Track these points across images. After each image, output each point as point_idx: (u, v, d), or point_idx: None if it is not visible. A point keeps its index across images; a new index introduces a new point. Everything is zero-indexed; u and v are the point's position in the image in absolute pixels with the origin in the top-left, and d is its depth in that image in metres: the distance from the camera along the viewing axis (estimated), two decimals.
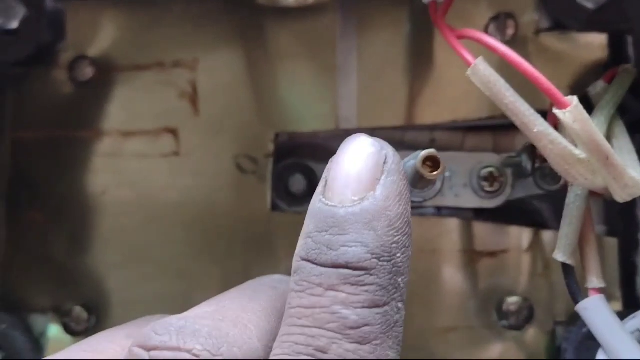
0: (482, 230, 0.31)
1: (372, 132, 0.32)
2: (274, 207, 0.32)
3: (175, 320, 0.19)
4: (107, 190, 0.32)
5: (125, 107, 0.32)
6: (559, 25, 0.30)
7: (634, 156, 0.23)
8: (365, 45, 0.32)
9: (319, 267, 0.19)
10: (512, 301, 0.31)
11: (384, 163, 0.19)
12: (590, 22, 0.28)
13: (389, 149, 0.20)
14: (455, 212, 0.31)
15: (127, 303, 0.32)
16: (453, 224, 0.31)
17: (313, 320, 0.18)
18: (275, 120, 0.32)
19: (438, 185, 0.28)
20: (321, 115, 0.32)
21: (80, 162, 0.32)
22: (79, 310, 0.32)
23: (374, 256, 0.18)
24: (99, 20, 0.33)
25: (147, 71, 0.33)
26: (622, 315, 0.27)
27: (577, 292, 0.23)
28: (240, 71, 0.32)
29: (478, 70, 0.21)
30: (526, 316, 0.31)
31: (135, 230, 0.32)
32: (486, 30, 0.31)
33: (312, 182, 0.33)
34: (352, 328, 0.18)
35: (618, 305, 0.30)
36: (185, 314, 0.21)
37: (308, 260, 0.19)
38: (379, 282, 0.18)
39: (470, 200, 0.29)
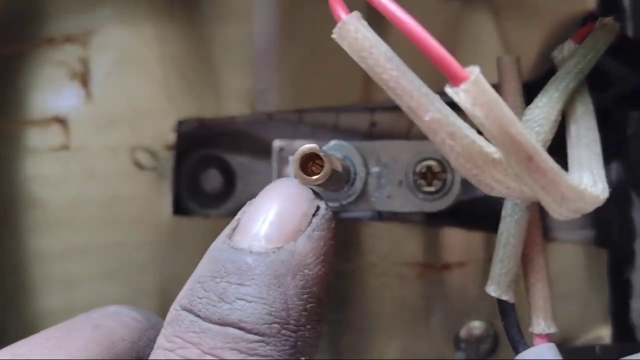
0: (435, 238, 0.25)
1: (299, 115, 0.27)
2: (183, 209, 0.27)
3: None
4: None
5: (14, 92, 0.28)
6: None
7: (596, 149, 0.16)
8: (288, 7, 0.26)
9: (202, 321, 0.15)
10: (473, 326, 0.25)
11: (314, 215, 0.16)
12: None
13: (322, 202, 0.17)
14: (400, 215, 0.25)
15: (16, 318, 0.28)
16: (396, 231, 0.25)
17: None
18: (178, 104, 0.27)
19: (359, 184, 0.22)
20: (235, 95, 0.27)
21: None
22: None
23: (276, 320, 0.15)
24: None
25: (36, 48, 0.28)
26: (609, 351, 0.21)
27: (517, 339, 0.17)
28: (139, 46, 0.27)
29: (347, 32, 0.14)
30: (490, 346, 0.25)
31: (24, 238, 0.28)
32: None
33: (230, 178, 0.28)
34: None
35: (607, 333, 0.23)
36: None
37: (190, 311, 0.15)
38: (276, 356, 0.15)
39: (407, 203, 0.22)
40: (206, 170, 0.27)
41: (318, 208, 0.17)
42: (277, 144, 0.24)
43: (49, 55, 0.27)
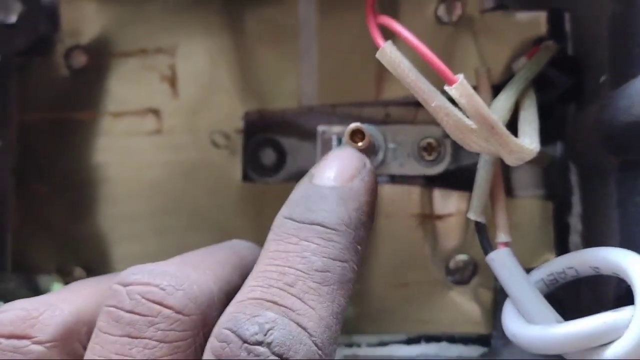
0: (432, 196, 0.34)
1: (333, 108, 0.36)
2: (247, 178, 0.35)
3: (148, 265, 0.24)
4: (101, 165, 0.35)
5: (115, 90, 0.35)
6: (502, 5, 0.32)
7: (535, 125, 0.26)
8: (325, 28, 0.34)
9: (297, 222, 0.23)
10: (459, 259, 0.34)
11: (363, 168, 0.25)
12: (528, 0, 0.30)
13: (367, 160, 0.26)
14: (407, 179, 0.34)
15: (121, 263, 0.35)
16: (405, 191, 0.34)
17: (286, 261, 0.22)
18: (245, 99, 0.35)
19: (380, 155, 0.32)
20: (286, 93, 0.34)
21: (78, 140, 0.35)
22: (79, 271, 0.35)
23: (343, 222, 0.23)
24: (90, 11, 0.35)
25: (132, 57, 0.35)
26: None
27: (487, 246, 0.26)
28: (214, 55, 0.35)
29: (385, 53, 0.24)
30: (471, 272, 0.34)
31: (124, 202, 0.35)
32: (436, 12, 0.33)
33: (281, 155, 0.36)
34: (316, 270, 0.22)
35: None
36: (156, 263, 0.25)
37: (290, 218, 0.24)
38: (344, 243, 0.23)
39: (414, 169, 0.32)
40: (264, 149, 0.35)
41: (365, 164, 0.26)
42: (320, 129, 0.33)
43: (143, 62, 0.35)
